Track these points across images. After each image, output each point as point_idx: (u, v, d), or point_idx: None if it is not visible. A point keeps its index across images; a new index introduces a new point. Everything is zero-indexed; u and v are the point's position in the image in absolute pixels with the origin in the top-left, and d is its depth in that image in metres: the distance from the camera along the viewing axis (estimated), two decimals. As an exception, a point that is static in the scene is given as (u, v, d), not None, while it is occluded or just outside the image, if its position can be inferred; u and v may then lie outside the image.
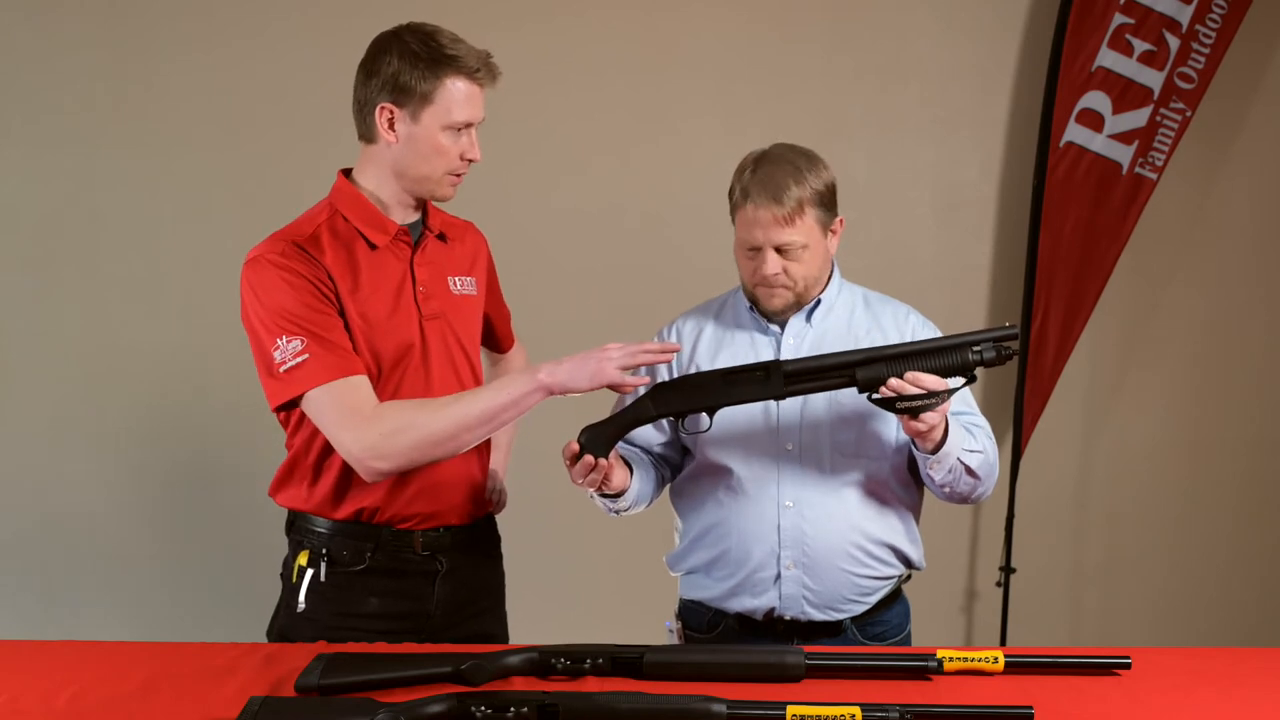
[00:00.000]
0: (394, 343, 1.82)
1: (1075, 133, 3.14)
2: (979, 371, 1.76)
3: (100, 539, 3.22)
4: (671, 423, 1.93)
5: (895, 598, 1.98)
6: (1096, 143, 3.15)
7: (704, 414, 1.82)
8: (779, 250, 1.85)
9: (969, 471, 1.84)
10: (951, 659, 1.57)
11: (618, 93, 3.20)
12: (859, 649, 1.86)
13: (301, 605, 1.83)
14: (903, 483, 1.94)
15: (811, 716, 1.37)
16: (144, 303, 3.18)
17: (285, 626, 1.87)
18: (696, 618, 2.00)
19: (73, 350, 3.19)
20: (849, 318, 1.96)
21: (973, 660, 1.57)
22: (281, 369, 1.73)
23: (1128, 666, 1.59)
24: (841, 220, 1.94)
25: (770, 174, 1.84)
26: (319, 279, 1.76)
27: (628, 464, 1.92)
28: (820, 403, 1.89)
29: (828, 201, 1.89)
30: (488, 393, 1.78)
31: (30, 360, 3.19)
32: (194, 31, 3.11)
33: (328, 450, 1.82)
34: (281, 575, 1.92)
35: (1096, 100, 3.14)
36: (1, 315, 3.18)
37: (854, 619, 1.92)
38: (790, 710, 1.38)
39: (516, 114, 2.98)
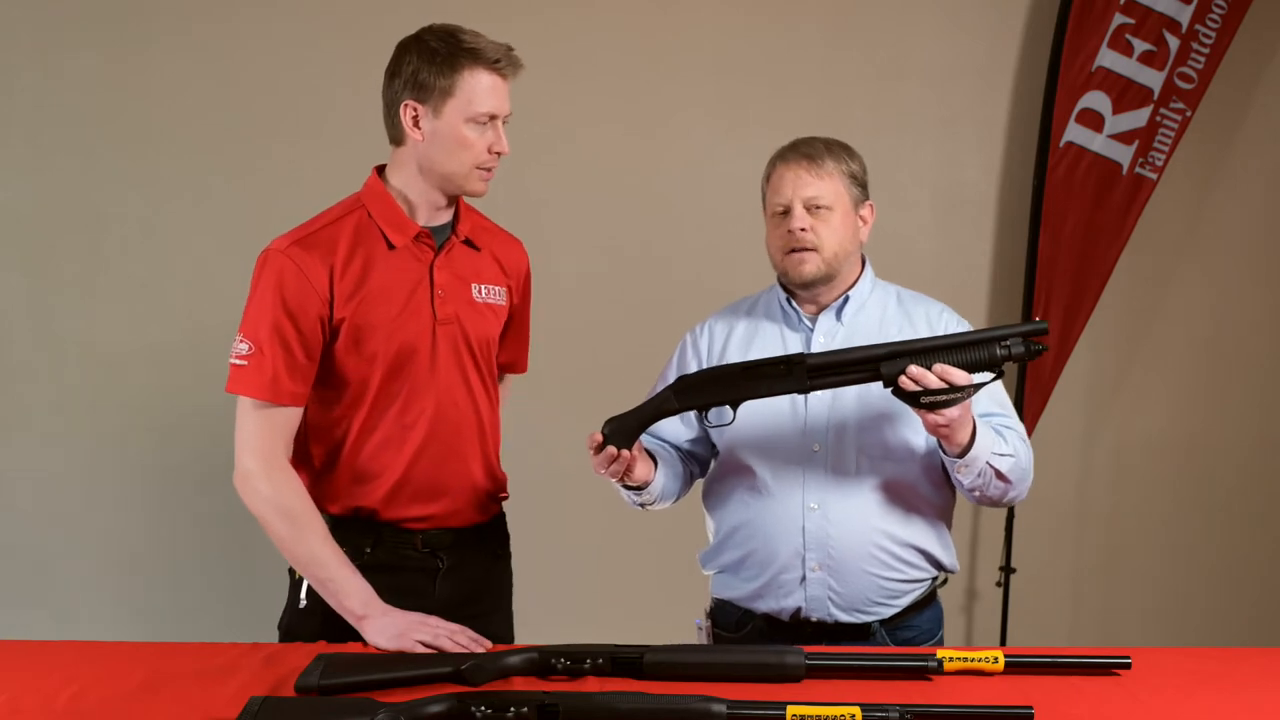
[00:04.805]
0: (396, 344, 1.82)
1: (1075, 133, 3.14)
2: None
3: (101, 539, 3.22)
4: (698, 417, 1.93)
5: (928, 601, 1.95)
6: (1096, 143, 3.15)
7: (727, 407, 1.81)
8: (807, 208, 1.87)
9: (999, 475, 1.81)
10: (951, 659, 1.57)
11: (615, 92, 3.19)
12: (859, 649, 1.85)
13: (303, 601, 1.84)
14: (934, 485, 1.91)
15: (811, 716, 1.37)
16: (144, 303, 3.17)
17: (290, 622, 1.89)
18: (725, 616, 1.99)
19: (73, 350, 3.18)
20: (881, 315, 1.94)
21: (973, 660, 1.58)
22: (230, 359, 1.80)
23: (1128, 666, 1.59)
24: (872, 207, 1.96)
25: (806, 142, 1.93)
26: (316, 284, 1.77)
27: (653, 458, 1.91)
28: (849, 405, 1.87)
29: (858, 179, 1.93)
30: (335, 568, 1.77)
31: (30, 360, 3.18)
32: (195, 31, 3.10)
33: (327, 451, 1.85)
34: (289, 570, 1.93)
35: (1096, 100, 3.14)
36: (1, 315, 3.18)
37: (883, 622, 1.90)
38: (790, 710, 1.38)
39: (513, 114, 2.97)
